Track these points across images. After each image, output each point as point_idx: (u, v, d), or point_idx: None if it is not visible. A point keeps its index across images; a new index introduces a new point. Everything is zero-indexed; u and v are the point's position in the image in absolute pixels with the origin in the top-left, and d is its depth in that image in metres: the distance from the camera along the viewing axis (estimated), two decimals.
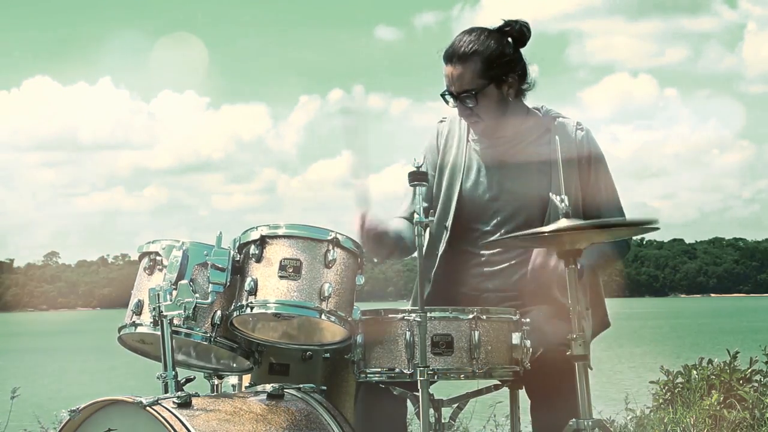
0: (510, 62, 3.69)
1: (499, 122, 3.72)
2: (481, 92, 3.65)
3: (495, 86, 3.66)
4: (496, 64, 3.66)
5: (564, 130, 3.72)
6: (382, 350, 3.30)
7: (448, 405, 3.45)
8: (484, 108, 3.67)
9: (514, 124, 3.74)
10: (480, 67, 3.64)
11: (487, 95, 3.66)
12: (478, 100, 3.65)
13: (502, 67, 3.67)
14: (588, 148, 3.72)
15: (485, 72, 3.65)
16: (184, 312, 3.31)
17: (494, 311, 3.35)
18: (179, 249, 3.40)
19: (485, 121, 3.70)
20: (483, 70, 3.64)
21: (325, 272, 3.31)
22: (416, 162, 3.32)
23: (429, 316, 3.24)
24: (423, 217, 3.25)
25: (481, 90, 3.65)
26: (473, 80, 3.64)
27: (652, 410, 8.06)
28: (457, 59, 3.66)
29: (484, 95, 3.65)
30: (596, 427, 3.26)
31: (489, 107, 3.67)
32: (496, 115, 3.69)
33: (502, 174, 3.75)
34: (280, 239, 3.34)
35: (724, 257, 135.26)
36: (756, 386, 8.01)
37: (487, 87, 3.65)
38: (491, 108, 3.68)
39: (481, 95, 3.65)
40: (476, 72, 3.64)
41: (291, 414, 3.33)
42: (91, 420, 3.23)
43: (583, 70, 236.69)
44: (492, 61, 3.65)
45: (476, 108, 3.66)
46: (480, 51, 3.65)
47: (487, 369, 3.29)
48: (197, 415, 3.14)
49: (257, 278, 3.31)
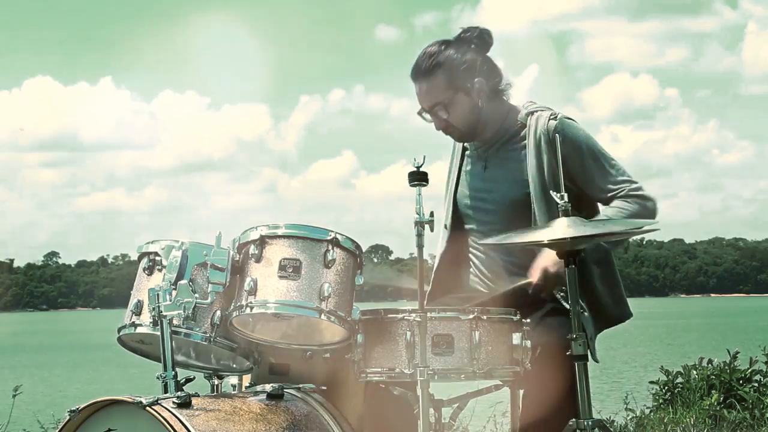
0: (473, 68, 3.72)
1: (476, 127, 3.76)
2: (450, 103, 3.71)
3: (464, 94, 3.72)
4: (460, 72, 3.70)
5: (537, 122, 3.73)
6: (383, 350, 3.30)
7: (448, 405, 3.45)
8: (456, 117, 3.73)
9: (493, 125, 3.77)
10: (444, 79, 3.70)
11: (458, 103, 3.72)
12: (449, 110, 3.71)
13: (466, 74, 3.71)
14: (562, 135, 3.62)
15: (450, 82, 3.71)
16: (183, 312, 3.31)
17: (494, 311, 3.35)
18: (179, 249, 3.40)
19: (460, 129, 3.76)
20: (448, 81, 3.70)
21: (325, 272, 3.31)
22: (416, 162, 3.32)
23: (429, 316, 3.24)
24: (423, 217, 3.25)
25: (451, 100, 3.71)
26: (441, 92, 3.71)
27: (652, 410, 8.07)
28: (422, 76, 3.74)
29: (454, 104, 3.71)
30: (596, 427, 3.26)
31: (461, 115, 3.73)
32: (470, 121, 3.74)
33: (485, 174, 3.81)
34: (279, 239, 3.34)
35: (724, 257, 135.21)
36: (756, 386, 8.02)
37: (455, 96, 3.71)
38: (464, 115, 3.73)
39: (451, 105, 3.71)
40: (441, 84, 3.71)
41: (291, 414, 3.33)
42: (91, 420, 3.22)
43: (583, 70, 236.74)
44: (454, 70, 3.70)
45: (450, 118, 3.73)
46: (441, 62, 3.71)
47: (488, 369, 3.29)
48: (197, 415, 3.14)
49: (257, 278, 3.31)
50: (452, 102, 3.71)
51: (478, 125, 3.76)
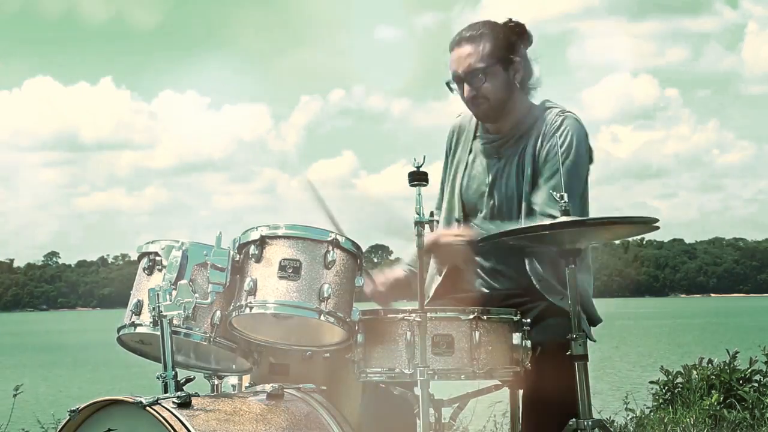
0: (515, 47, 3.75)
1: (504, 107, 3.74)
2: (488, 71, 3.71)
3: (502, 67, 3.73)
4: (503, 46, 3.73)
5: (546, 118, 3.74)
6: (383, 350, 3.30)
7: (448, 405, 3.45)
8: (491, 88, 3.72)
9: (513, 117, 3.77)
10: (488, 47, 3.71)
11: (495, 74, 3.72)
12: (486, 77, 3.70)
13: (509, 50, 3.74)
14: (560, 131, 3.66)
15: (493, 51, 3.71)
16: (183, 312, 3.31)
17: (494, 311, 3.35)
18: (179, 249, 3.40)
19: (490, 102, 3.73)
20: (491, 50, 3.71)
21: (325, 273, 3.30)
22: (416, 162, 3.32)
23: (429, 316, 3.24)
24: (423, 217, 3.25)
25: (489, 69, 3.71)
26: (482, 59, 3.71)
27: (652, 410, 8.07)
28: (466, 40, 3.74)
29: (491, 74, 3.72)
30: (596, 427, 3.26)
31: (496, 87, 3.72)
32: (501, 96, 3.73)
33: (496, 168, 3.79)
34: (279, 239, 3.34)
35: (724, 257, 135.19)
36: (756, 386, 8.02)
37: (494, 66, 3.71)
38: (498, 89, 3.72)
39: (488, 74, 3.71)
40: (485, 51, 3.71)
41: (291, 414, 3.33)
42: (91, 420, 3.22)
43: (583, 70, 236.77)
44: (499, 43, 3.72)
45: (483, 88, 3.71)
46: (487, 33, 3.73)
47: (488, 369, 3.29)
48: (197, 415, 3.13)
49: (257, 278, 3.31)
50: (490, 72, 3.71)
51: (506, 106, 3.75)
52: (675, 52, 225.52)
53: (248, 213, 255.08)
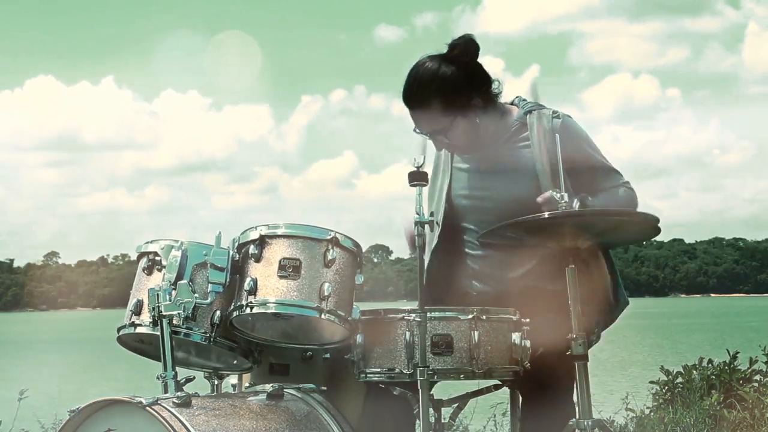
0: (468, 88, 3.63)
1: (477, 140, 3.70)
2: (450, 128, 3.63)
3: (461, 116, 3.63)
4: (456, 98, 3.61)
5: (540, 121, 3.70)
6: (382, 350, 3.30)
7: (448, 405, 3.45)
8: (456, 138, 3.67)
9: (489, 128, 3.72)
10: (441, 107, 3.61)
11: (456, 127, 3.64)
12: (448, 136, 3.65)
13: (463, 97, 3.62)
14: (567, 133, 3.64)
15: (447, 110, 3.61)
16: (183, 312, 3.31)
17: (494, 311, 3.35)
18: (178, 249, 3.40)
19: (462, 147, 3.73)
20: (445, 109, 3.61)
21: (325, 272, 3.30)
22: (416, 162, 3.32)
23: (429, 316, 3.24)
24: (423, 217, 3.25)
25: (450, 126, 3.63)
26: (438, 120, 3.62)
27: (652, 410, 8.06)
28: (416, 104, 3.64)
29: (453, 129, 3.64)
30: (596, 427, 3.26)
31: (462, 135, 3.67)
32: (470, 138, 3.69)
33: (482, 174, 3.76)
34: (279, 239, 3.34)
35: (724, 257, 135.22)
36: (756, 386, 8.01)
37: (454, 121, 3.63)
38: (464, 135, 3.67)
39: (450, 130, 3.64)
40: (438, 112, 3.61)
41: (291, 414, 3.33)
42: (91, 420, 3.22)
43: (584, 70, 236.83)
44: (451, 97, 3.60)
45: (449, 140, 3.67)
46: (436, 90, 3.60)
47: (487, 369, 3.29)
48: (197, 414, 3.13)
49: (257, 278, 3.31)
50: (451, 127, 3.63)
51: (478, 138, 3.71)
52: (676, 52, 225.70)
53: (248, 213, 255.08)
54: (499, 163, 3.73)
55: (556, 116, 3.70)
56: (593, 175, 3.70)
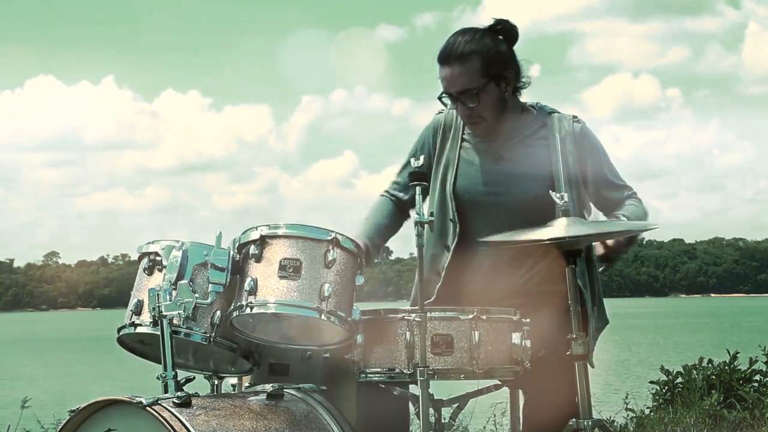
0: (506, 60, 3.70)
1: (499, 120, 3.71)
2: (482, 91, 3.63)
3: (495, 84, 3.66)
4: (495, 62, 3.65)
5: (561, 123, 3.72)
6: (382, 350, 3.30)
7: (448, 405, 3.44)
8: (485, 107, 3.65)
9: (509, 121, 3.73)
10: (479, 66, 3.63)
11: (488, 93, 3.65)
12: (479, 98, 3.64)
13: (500, 65, 3.67)
14: (586, 139, 3.74)
15: (485, 70, 3.63)
16: (183, 312, 3.31)
17: (494, 311, 3.34)
18: (179, 249, 3.40)
19: (487, 121, 3.69)
20: (483, 69, 3.63)
21: (325, 272, 3.30)
22: (416, 162, 3.32)
23: (429, 316, 3.24)
24: (423, 217, 3.24)
25: (483, 88, 3.63)
26: (474, 79, 3.63)
27: (652, 410, 8.07)
28: (455, 60, 3.64)
29: (485, 93, 3.64)
30: (596, 427, 3.26)
31: (490, 106, 3.66)
32: (496, 113, 3.69)
33: (499, 169, 3.73)
34: (279, 239, 3.34)
35: (724, 257, 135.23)
36: (756, 386, 8.02)
37: (487, 85, 3.64)
38: (492, 106, 3.67)
39: (482, 94, 3.64)
40: (476, 71, 3.63)
41: (291, 414, 3.33)
42: (91, 420, 3.22)
43: (584, 70, 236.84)
44: (490, 59, 3.65)
45: (477, 108, 3.65)
46: (478, 50, 3.64)
47: (487, 369, 3.29)
48: (197, 414, 3.14)
49: (257, 278, 3.30)
50: (484, 91, 3.63)
51: (502, 117, 3.70)
52: (676, 52, 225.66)
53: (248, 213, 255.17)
54: (516, 158, 3.72)
55: (576, 121, 3.75)
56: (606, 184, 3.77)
